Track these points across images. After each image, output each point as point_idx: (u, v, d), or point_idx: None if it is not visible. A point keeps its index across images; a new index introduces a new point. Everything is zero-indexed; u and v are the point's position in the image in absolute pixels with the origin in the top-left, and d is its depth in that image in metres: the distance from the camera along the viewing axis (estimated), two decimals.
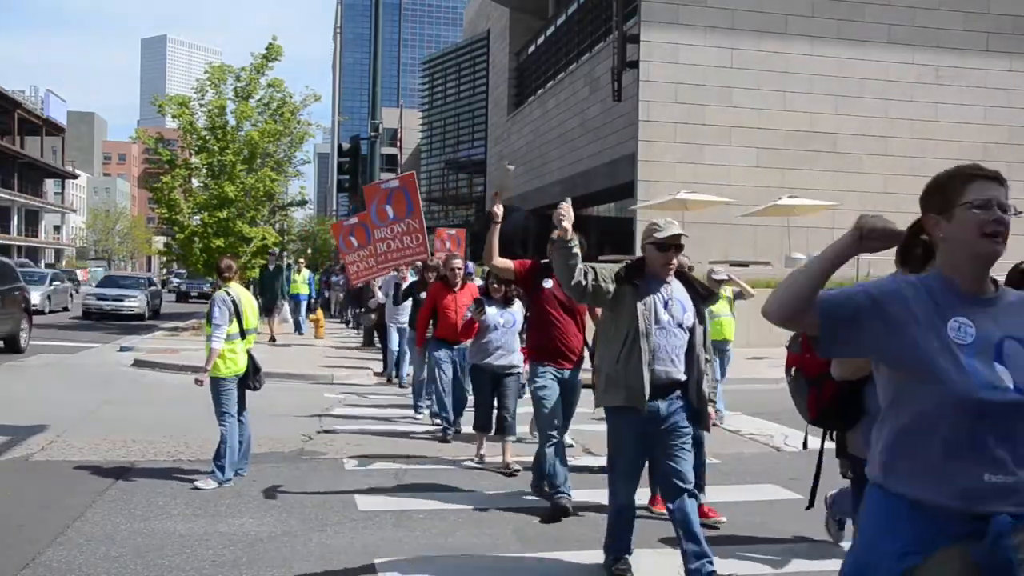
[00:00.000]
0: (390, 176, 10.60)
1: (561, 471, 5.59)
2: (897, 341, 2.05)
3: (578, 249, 4.12)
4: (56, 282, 28.58)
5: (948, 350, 2.02)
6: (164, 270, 60.86)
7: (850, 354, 2.31)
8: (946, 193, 2.12)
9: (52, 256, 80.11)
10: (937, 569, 2.00)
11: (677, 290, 4.28)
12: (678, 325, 4.21)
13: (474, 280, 9.32)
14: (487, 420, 6.92)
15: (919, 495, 2.04)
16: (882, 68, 22.68)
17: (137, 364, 13.59)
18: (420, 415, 9.18)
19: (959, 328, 2.05)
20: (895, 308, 2.05)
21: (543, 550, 4.91)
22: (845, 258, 2.09)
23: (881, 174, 22.57)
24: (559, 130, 29.11)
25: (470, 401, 7.65)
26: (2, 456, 7.00)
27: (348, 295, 21.77)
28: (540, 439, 5.73)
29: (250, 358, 6.44)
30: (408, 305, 10.09)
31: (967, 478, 2.00)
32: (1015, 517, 1.97)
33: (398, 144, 55.93)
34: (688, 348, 4.26)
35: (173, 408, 9.57)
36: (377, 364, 13.44)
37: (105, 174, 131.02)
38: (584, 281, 4.15)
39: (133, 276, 32.66)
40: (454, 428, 8.11)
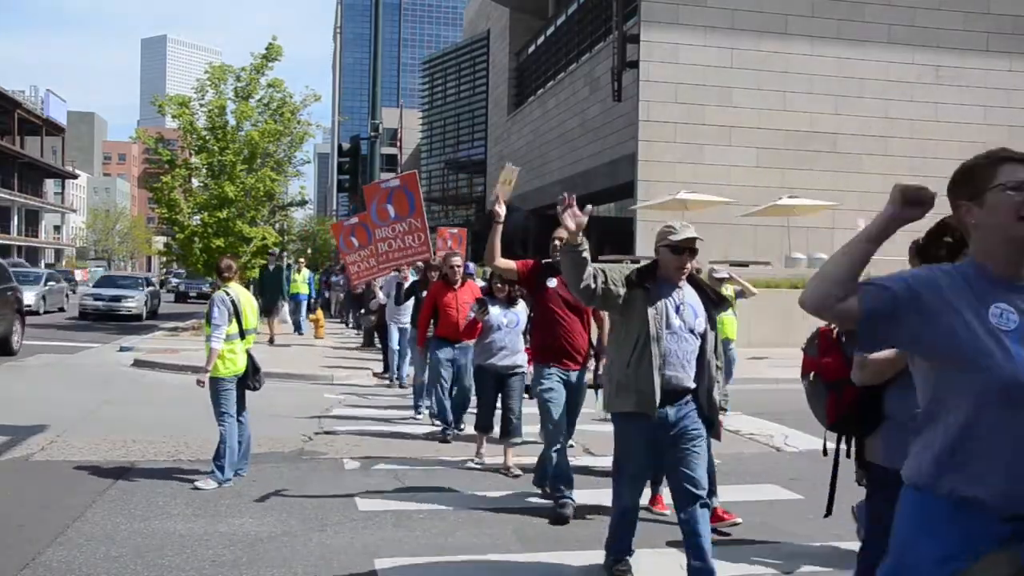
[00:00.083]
0: (390, 176, 10.52)
1: (565, 476, 5.53)
2: (932, 330, 1.98)
3: (587, 253, 4.02)
4: (51, 282, 28.10)
5: (992, 336, 1.95)
6: (164, 270, 60.72)
7: (886, 347, 2.22)
8: (976, 178, 2.05)
9: (52, 256, 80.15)
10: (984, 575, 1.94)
11: (689, 295, 4.19)
12: (689, 330, 4.12)
13: (474, 279, 9.30)
14: (489, 421, 6.88)
15: (964, 492, 1.96)
16: (882, 68, 22.69)
17: (137, 364, 13.59)
18: (420, 415, 9.15)
19: (1001, 314, 1.98)
20: (931, 297, 1.98)
21: (543, 550, 4.91)
22: (888, 233, 2.01)
23: (881, 174, 22.54)
24: (559, 130, 29.11)
25: (473, 402, 7.63)
26: (2, 456, 7.00)
27: (348, 296, 21.75)
28: (544, 443, 5.68)
29: (249, 358, 6.44)
30: (410, 304, 10.05)
31: (1013, 474, 1.92)
32: None
33: (398, 144, 55.95)
34: (699, 354, 4.18)
35: (173, 408, 9.57)
36: (377, 364, 13.45)
37: (105, 174, 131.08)
38: (593, 284, 4.05)
39: (131, 276, 32.09)
40: (455, 430, 8.11)
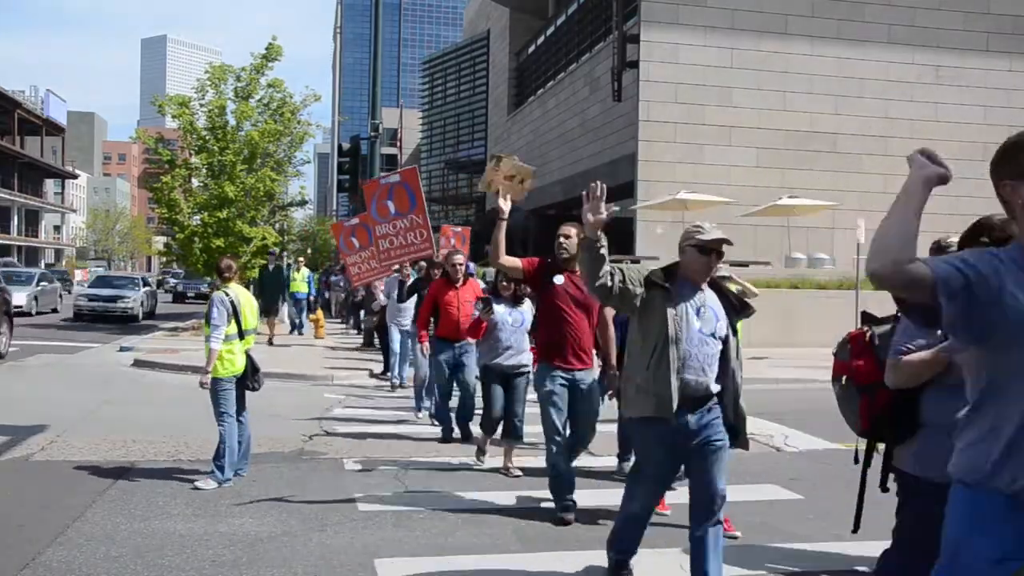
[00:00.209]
0: (390, 173, 10.40)
1: (566, 479, 5.47)
2: (998, 310, 1.92)
3: (606, 250, 3.87)
4: (44, 282, 27.41)
5: None
6: (162, 270, 60.57)
7: (944, 327, 2.10)
8: (1021, 155, 1.97)
9: (52, 256, 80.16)
10: None
11: (710, 298, 4.04)
12: (710, 334, 3.98)
13: (475, 279, 9.22)
14: (495, 422, 6.73)
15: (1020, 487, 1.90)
16: (882, 68, 22.68)
17: (137, 364, 13.59)
18: (420, 416, 9.10)
19: None
20: (992, 276, 1.93)
21: (543, 550, 4.91)
22: (925, 200, 1.97)
23: (881, 174, 22.53)
24: (559, 130, 29.09)
25: (478, 403, 7.53)
26: (2, 456, 7.00)
27: (348, 298, 21.72)
28: (546, 444, 5.58)
29: (248, 359, 6.44)
30: (411, 306, 9.91)
31: None
32: None
33: (398, 144, 55.94)
34: (722, 359, 4.04)
35: (173, 408, 9.57)
36: (377, 365, 13.44)
37: (105, 174, 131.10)
38: (610, 283, 3.90)
39: (127, 276, 31.06)
40: (460, 432, 7.91)
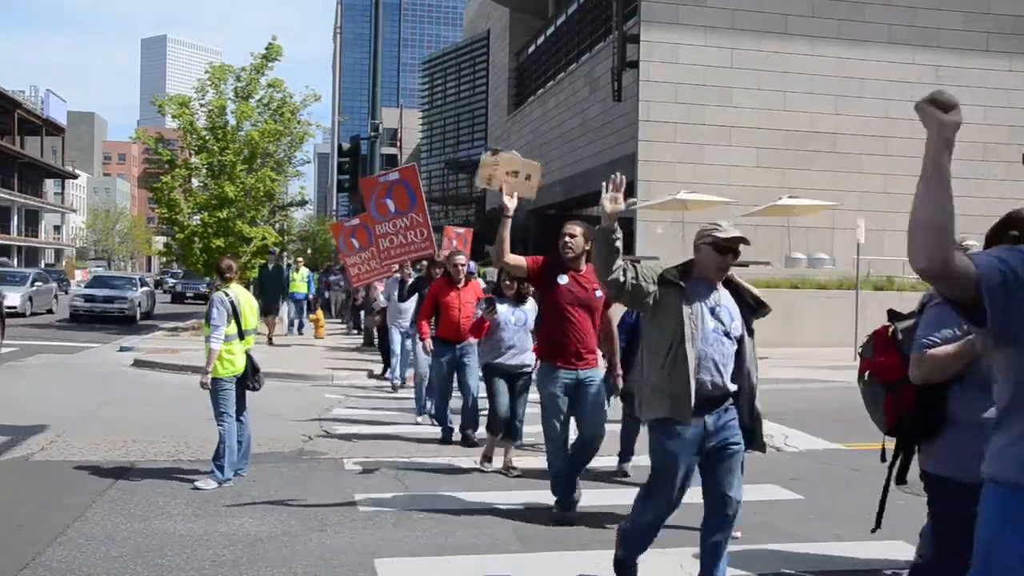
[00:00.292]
0: (389, 171, 10.35)
1: (566, 480, 5.42)
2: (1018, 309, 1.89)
3: (620, 243, 3.77)
4: (38, 283, 26.79)
5: None
6: (161, 269, 60.47)
7: (985, 323, 2.02)
8: None
9: (52, 256, 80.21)
10: None
11: (725, 297, 3.95)
12: (725, 334, 3.87)
13: (476, 279, 9.16)
14: (502, 422, 6.56)
15: None
16: (882, 68, 22.68)
17: (137, 364, 13.59)
18: (421, 420, 8.93)
19: None
20: (1020, 273, 1.91)
21: (543, 550, 4.90)
22: (948, 167, 1.90)
23: (881, 174, 22.55)
24: (559, 130, 29.09)
25: (482, 405, 7.49)
26: (2, 456, 7.00)
27: (349, 299, 21.71)
28: (546, 444, 5.55)
29: (249, 358, 6.44)
30: (412, 307, 9.79)
31: None
32: None
33: (398, 144, 55.99)
34: (736, 359, 3.93)
35: (173, 408, 9.57)
36: (377, 365, 13.40)
37: (105, 174, 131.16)
38: (623, 278, 3.80)
39: (124, 276, 30.30)
40: (463, 438, 7.79)
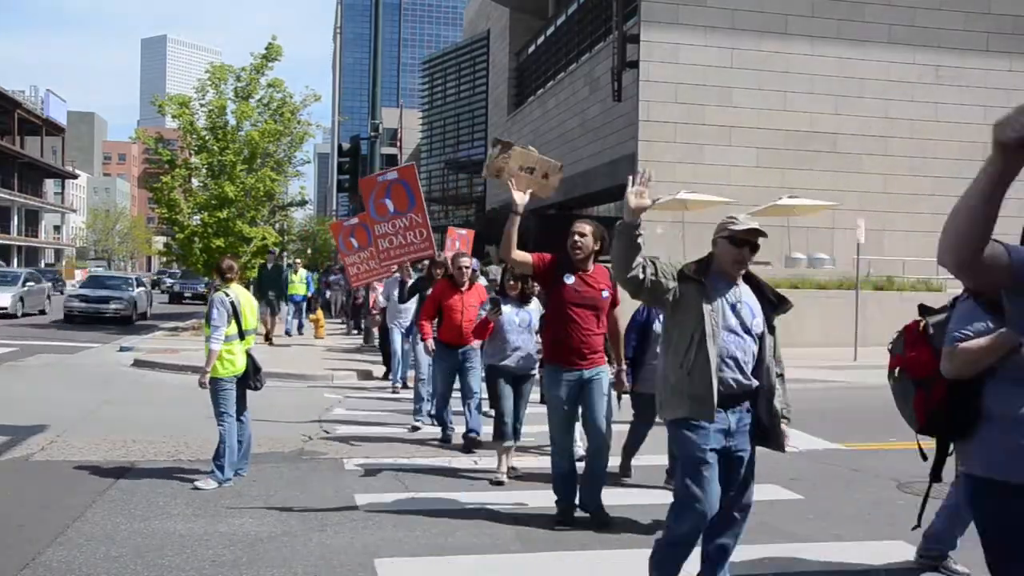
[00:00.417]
0: (387, 171, 10.32)
1: (569, 480, 5.41)
2: None
3: (642, 240, 3.66)
4: (30, 283, 26.28)
5: None
6: (159, 269, 60.36)
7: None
8: None
9: (52, 256, 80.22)
10: None
11: (746, 294, 3.87)
12: (746, 331, 3.79)
13: (479, 279, 9.01)
14: (509, 428, 6.40)
15: None
16: (882, 68, 22.67)
17: (137, 364, 13.59)
18: (419, 422, 8.66)
19: None
20: None
21: (543, 550, 4.90)
22: (1005, 182, 1.82)
23: (881, 174, 22.55)
24: (559, 130, 29.08)
25: (486, 407, 7.47)
26: (2, 456, 7.00)
27: (350, 298, 21.70)
28: (551, 445, 5.53)
29: (250, 358, 6.45)
30: (412, 307, 9.69)
31: None
32: None
33: (398, 144, 55.97)
34: (758, 358, 3.85)
35: (173, 408, 9.57)
36: (377, 367, 13.35)
37: (105, 174, 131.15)
38: (642, 275, 3.69)
39: (120, 276, 29.49)
40: (464, 443, 7.64)
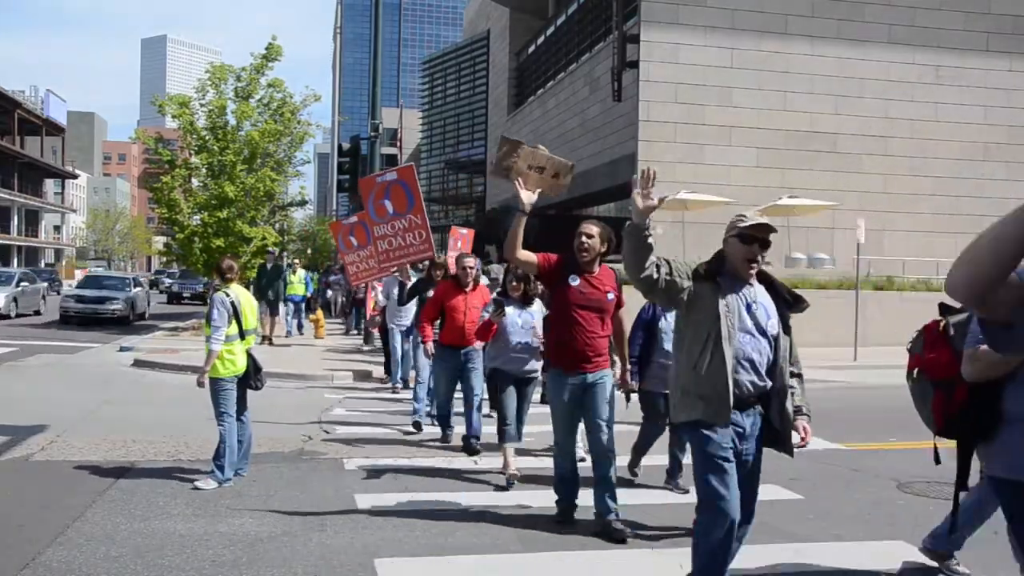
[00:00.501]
0: (386, 171, 10.29)
1: (571, 481, 5.41)
2: None
3: (653, 239, 3.57)
4: (24, 283, 25.84)
5: None
6: (157, 269, 60.32)
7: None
8: None
9: (52, 256, 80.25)
10: None
11: (760, 293, 3.78)
12: (761, 332, 3.70)
13: (485, 284, 8.86)
14: (514, 430, 6.34)
15: None
16: (882, 68, 22.68)
17: (137, 364, 13.59)
18: (418, 419, 8.51)
19: None
20: None
21: (544, 550, 4.90)
22: None
23: (881, 174, 22.56)
24: (559, 130, 29.09)
25: (486, 408, 7.45)
26: (2, 456, 6.99)
27: (350, 295, 21.70)
28: (554, 447, 5.52)
29: (251, 358, 6.45)
30: (412, 306, 9.57)
31: None
32: None
33: (398, 144, 55.97)
34: (772, 359, 3.75)
35: (173, 408, 9.57)
36: (378, 368, 13.33)
37: (105, 174, 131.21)
38: (656, 275, 3.60)
39: (117, 276, 29.08)
40: (465, 447, 7.54)
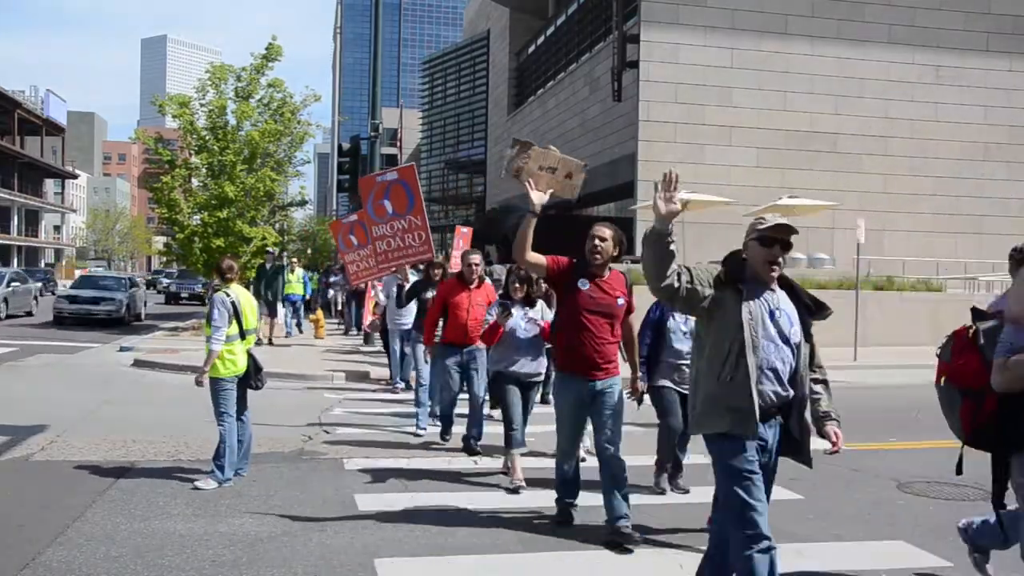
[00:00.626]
0: (387, 171, 10.24)
1: (572, 483, 5.38)
2: None
3: (675, 246, 3.45)
4: (15, 283, 25.04)
5: None
6: (155, 269, 60.31)
7: None
8: None
9: (52, 256, 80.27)
10: None
11: (784, 300, 3.64)
12: (784, 340, 3.56)
13: (489, 282, 8.77)
14: (520, 433, 6.23)
15: None
16: (882, 68, 22.69)
17: (137, 364, 13.58)
18: (422, 431, 8.31)
19: None
20: None
21: (544, 550, 4.90)
22: None
23: (881, 174, 22.58)
24: (559, 130, 29.10)
25: (485, 409, 7.43)
26: (2, 456, 6.99)
27: (350, 299, 21.68)
28: (557, 450, 5.47)
29: (251, 358, 6.44)
30: (412, 307, 9.32)
31: None
32: None
33: (398, 144, 55.93)
34: (794, 368, 3.62)
35: (173, 408, 9.57)
36: (377, 368, 13.29)
37: (105, 174, 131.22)
38: (677, 283, 3.47)
39: (113, 276, 28.32)
40: (466, 449, 7.46)
